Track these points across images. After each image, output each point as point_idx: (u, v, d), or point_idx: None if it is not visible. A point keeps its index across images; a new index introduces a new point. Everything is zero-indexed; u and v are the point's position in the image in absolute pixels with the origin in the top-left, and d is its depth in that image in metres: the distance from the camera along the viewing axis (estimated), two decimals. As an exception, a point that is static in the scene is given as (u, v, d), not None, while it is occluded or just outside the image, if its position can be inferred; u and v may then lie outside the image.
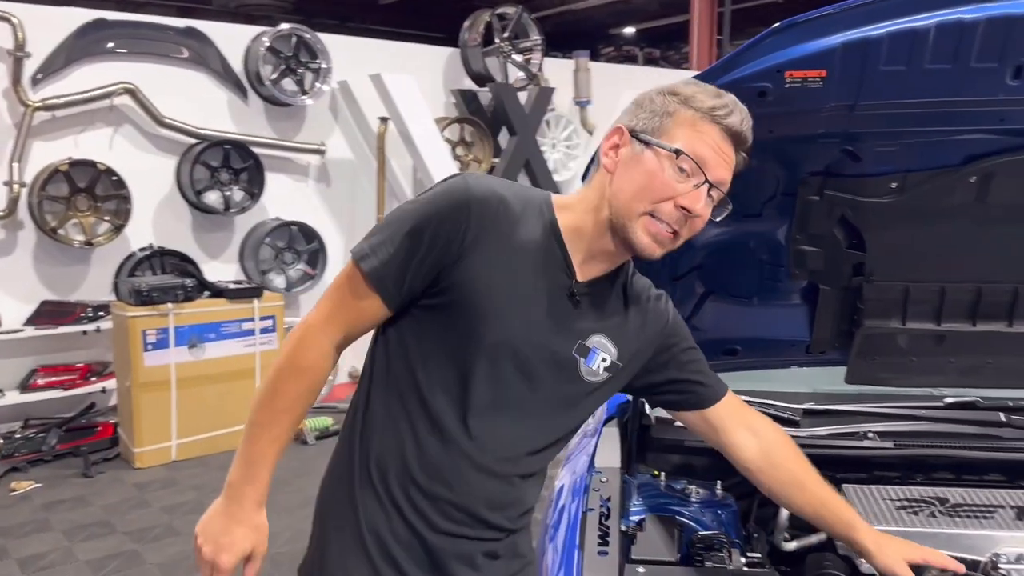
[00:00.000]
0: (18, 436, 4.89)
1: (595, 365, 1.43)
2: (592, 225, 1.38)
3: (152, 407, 4.86)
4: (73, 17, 5.29)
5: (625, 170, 1.35)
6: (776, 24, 1.49)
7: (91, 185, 5.23)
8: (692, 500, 1.91)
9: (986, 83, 1.49)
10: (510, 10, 7.05)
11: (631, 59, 16.05)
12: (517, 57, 7.13)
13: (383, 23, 13.09)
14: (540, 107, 7.10)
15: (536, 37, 7.19)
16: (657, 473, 2.02)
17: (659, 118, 1.35)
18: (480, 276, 1.32)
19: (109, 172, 5.22)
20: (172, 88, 5.66)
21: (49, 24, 5.16)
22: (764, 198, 1.87)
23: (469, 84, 6.98)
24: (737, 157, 1.37)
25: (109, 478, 4.75)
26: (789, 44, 1.50)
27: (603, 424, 2.13)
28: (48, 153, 5.21)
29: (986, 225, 1.81)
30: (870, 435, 2.01)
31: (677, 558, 1.69)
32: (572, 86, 7.58)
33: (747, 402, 1.69)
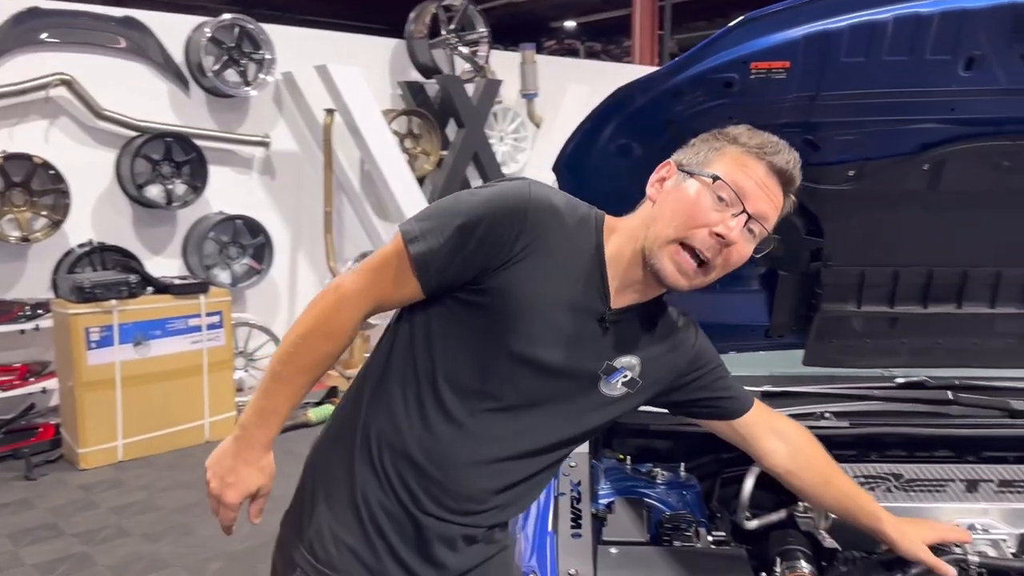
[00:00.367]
0: (-45, 439, 4.72)
1: (615, 381, 1.46)
2: (629, 254, 1.40)
3: (97, 407, 4.74)
4: (5, 6, 5.09)
5: (665, 199, 1.38)
6: (742, 16, 1.53)
7: (27, 179, 5.05)
8: (658, 482, 1.96)
9: (940, 74, 1.55)
10: (456, 2, 7.01)
11: (573, 52, 16.16)
12: (464, 49, 7.10)
13: (326, 14, 12.89)
14: (487, 99, 7.08)
15: (482, 29, 7.17)
16: (623, 457, 2.06)
17: (705, 153, 1.38)
18: (521, 288, 1.33)
19: (46, 166, 5.06)
20: (111, 79, 5.49)
21: (-21, 13, 4.97)
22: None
23: (416, 76, 6.93)
24: (786, 199, 1.40)
25: (53, 480, 4.62)
26: (755, 36, 1.53)
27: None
28: (-19, 147, 5.01)
29: (937, 211, 1.88)
30: (827, 415, 2.07)
31: (647, 538, 1.75)
32: (519, 79, 7.58)
33: None
